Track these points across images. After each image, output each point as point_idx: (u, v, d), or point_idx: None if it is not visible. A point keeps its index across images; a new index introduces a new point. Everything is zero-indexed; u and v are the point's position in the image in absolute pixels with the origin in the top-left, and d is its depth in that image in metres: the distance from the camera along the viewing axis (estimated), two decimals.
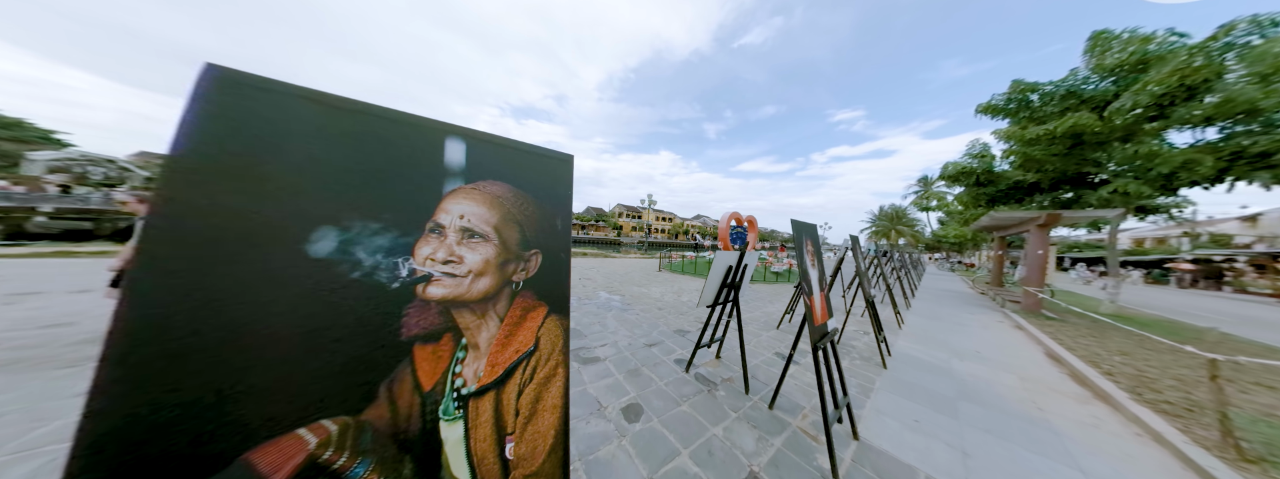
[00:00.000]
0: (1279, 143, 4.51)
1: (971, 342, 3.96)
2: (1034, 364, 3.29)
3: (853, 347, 3.44)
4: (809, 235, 1.96)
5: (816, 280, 1.90)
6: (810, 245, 1.93)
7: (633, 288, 6.37)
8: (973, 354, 3.47)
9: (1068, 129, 5.71)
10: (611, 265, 10.94)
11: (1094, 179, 6.55)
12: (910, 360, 3.18)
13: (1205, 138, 5.39)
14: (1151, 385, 2.71)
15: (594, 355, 2.91)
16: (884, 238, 30.59)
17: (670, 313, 4.59)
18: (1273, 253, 15.94)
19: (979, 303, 7.04)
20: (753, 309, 5.08)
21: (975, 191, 7.82)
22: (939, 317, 5.33)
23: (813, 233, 2.03)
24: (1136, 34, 5.59)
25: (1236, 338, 4.62)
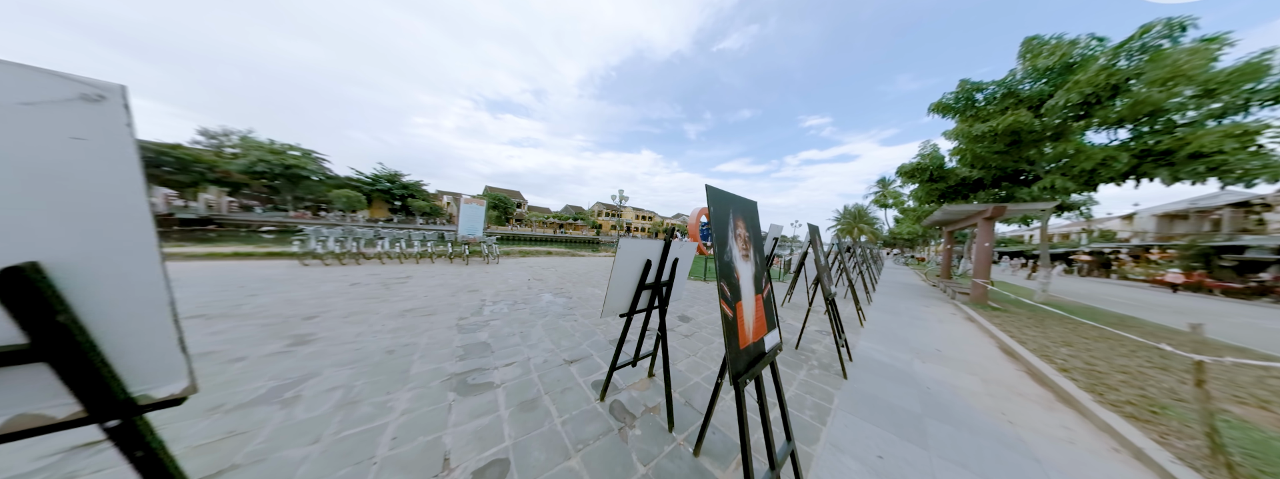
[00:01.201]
0: (1178, 141, 4.92)
1: (931, 337, 3.76)
2: (991, 361, 3.09)
3: (813, 351, 3.02)
4: (740, 214, 1.38)
5: (751, 279, 1.32)
6: (741, 227, 1.35)
7: (586, 289, 5.65)
8: (934, 353, 3.21)
9: (1008, 126, 5.94)
10: (573, 264, 10.11)
11: (1028, 176, 6.98)
12: (872, 366, 2.80)
13: (1118, 138, 5.85)
14: (1104, 381, 2.55)
15: (485, 381, 2.17)
16: (848, 235, 32.72)
17: (618, 318, 3.94)
18: (1145, 245, 19.06)
19: (932, 295, 7.25)
20: (708, 310, 4.59)
21: (928, 187, 8.12)
22: (898, 311, 5.23)
23: (748, 212, 1.46)
24: (1063, 39, 5.94)
25: (1141, 320, 5.01)
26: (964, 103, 6.90)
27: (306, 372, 2.17)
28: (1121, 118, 5.37)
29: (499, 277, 6.64)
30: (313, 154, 31.96)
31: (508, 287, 5.49)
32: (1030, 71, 6.05)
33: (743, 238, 1.34)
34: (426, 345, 2.72)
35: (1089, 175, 5.70)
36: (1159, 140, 5.12)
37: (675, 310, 4.40)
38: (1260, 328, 5.78)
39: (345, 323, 3.15)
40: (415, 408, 1.84)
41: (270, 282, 4.79)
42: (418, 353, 2.55)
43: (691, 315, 4.21)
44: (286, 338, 2.71)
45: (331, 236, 7.09)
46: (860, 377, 2.55)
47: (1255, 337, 5.02)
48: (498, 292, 5.01)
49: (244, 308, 3.45)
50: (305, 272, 5.83)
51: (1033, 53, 6.13)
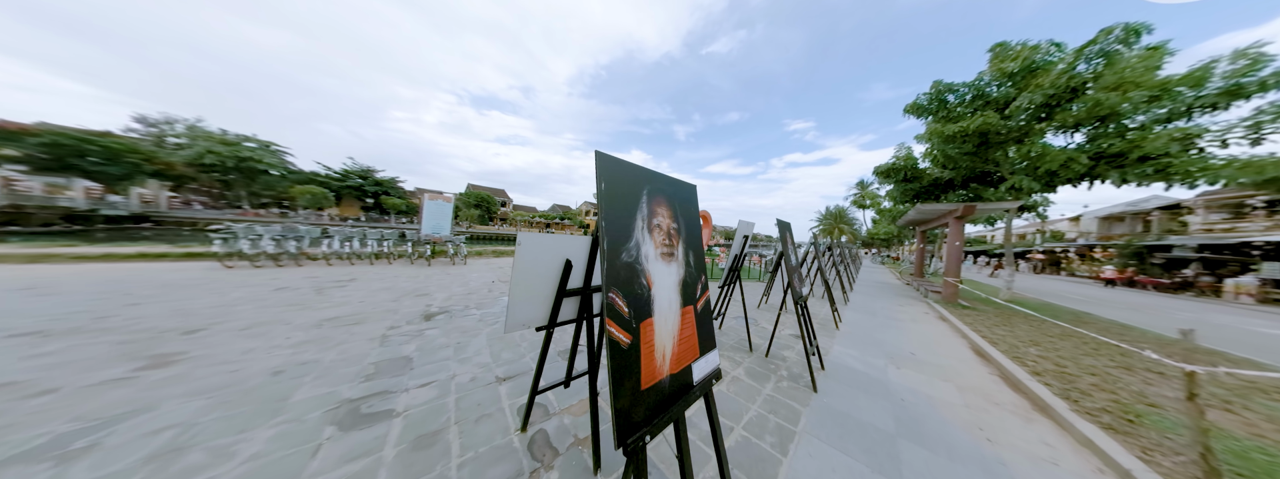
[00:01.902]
0: (1129, 144, 5.14)
1: (905, 340, 3.63)
2: (965, 364, 2.96)
3: (783, 360, 2.78)
4: (662, 196, 1.06)
5: (675, 287, 1.00)
6: (662, 216, 1.03)
7: None
8: (908, 357, 3.05)
9: (978, 127, 6.05)
10: None
11: (995, 177, 7.20)
12: (845, 374, 2.58)
13: (1075, 141, 6.09)
14: (1076, 384, 2.44)
15: (384, 409, 1.74)
16: (829, 235, 33.80)
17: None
18: (1089, 245, 20.75)
19: (906, 294, 7.34)
20: None
21: (903, 187, 8.27)
22: (874, 311, 5.16)
23: (678, 196, 1.14)
24: (1027, 45, 6.12)
25: (1097, 316, 5.21)
26: (936, 104, 7.03)
27: (137, 406, 1.66)
28: (1078, 121, 5.57)
29: (459, 279, 6.09)
30: (273, 146, 29.33)
31: (465, 290, 4.99)
32: (997, 75, 6.21)
33: (664, 229, 1.01)
34: (330, 363, 2.24)
35: (1050, 176, 5.89)
36: (1112, 143, 5.34)
37: None
38: (1202, 322, 6.18)
39: (238, 337, 2.60)
40: (268, 452, 1.40)
41: (169, 288, 4.06)
42: (314, 374, 2.08)
43: None
44: (141, 359, 2.15)
45: (267, 235, 6.26)
46: (831, 388, 2.31)
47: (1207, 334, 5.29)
48: (450, 295, 4.51)
49: (110, 321, 2.81)
50: (225, 275, 5.07)
51: (999, 57, 6.31)
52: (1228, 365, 2.83)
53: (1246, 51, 4.57)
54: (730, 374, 2.46)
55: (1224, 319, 6.70)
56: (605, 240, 0.81)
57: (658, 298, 0.93)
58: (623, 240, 0.86)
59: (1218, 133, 4.79)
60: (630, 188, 0.93)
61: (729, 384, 2.29)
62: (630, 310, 0.81)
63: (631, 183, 0.94)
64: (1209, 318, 6.83)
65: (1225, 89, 4.67)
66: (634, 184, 0.95)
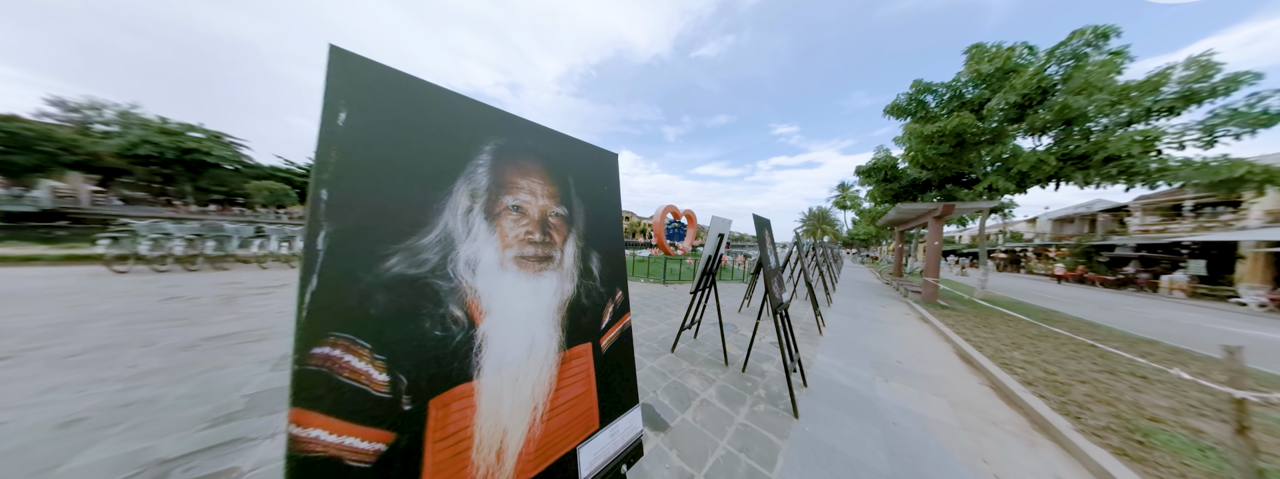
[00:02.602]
0: (1094, 146, 5.28)
1: (891, 345, 3.42)
2: (953, 373, 2.75)
3: (762, 375, 2.44)
4: (534, 157, 0.64)
5: (551, 315, 0.60)
6: (536, 193, 0.62)
7: None
8: (895, 366, 2.81)
9: (955, 127, 6.09)
10: None
11: (970, 178, 7.34)
12: (830, 391, 2.28)
13: (1042, 144, 6.26)
14: (1070, 395, 2.26)
15: (219, 468, 1.23)
16: (812, 235, 34.76)
17: None
18: (1045, 244, 22.35)
19: (886, 294, 7.34)
20: (650, 322, 3.93)
21: (883, 187, 8.33)
22: (857, 313, 5.00)
23: (592, 167, 0.73)
24: (1002, 47, 6.22)
25: (1062, 314, 5.32)
26: (915, 105, 7.08)
27: None
28: (1047, 123, 5.70)
29: None
30: (225, 138, 26.54)
31: None
32: (973, 76, 6.29)
33: (532, 216, 0.60)
34: (173, 402, 1.68)
35: (1022, 177, 6.01)
36: (1078, 144, 5.48)
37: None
38: (1152, 318, 6.51)
39: (51, 368, 1.96)
40: None
41: (10, 299, 3.22)
42: (134, 421, 1.51)
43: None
44: None
45: (177, 233, 5.33)
46: (815, 412, 1.99)
47: (1159, 329, 5.48)
48: None
49: None
50: (107, 282, 4.19)
51: (975, 59, 6.39)
52: (1255, 382, 2.77)
53: (1198, 59, 4.76)
54: (700, 396, 2.09)
55: (1168, 313, 7.13)
56: (327, 227, 0.39)
57: (496, 341, 0.52)
58: (395, 232, 0.44)
59: (1174, 136, 4.98)
60: (443, 133, 0.52)
61: (697, 410, 1.92)
62: (402, 378, 0.40)
63: (446, 125, 0.53)
64: (1153, 313, 7.25)
65: (1180, 94, 4.85)
66: (450, 128, 0.53)
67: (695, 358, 2.73)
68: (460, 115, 0.55)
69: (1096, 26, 5.25)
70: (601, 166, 0.80)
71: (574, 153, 0.74)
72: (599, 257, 0.74)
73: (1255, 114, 4.37)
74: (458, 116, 0.55)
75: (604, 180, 0.80)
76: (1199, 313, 7.67)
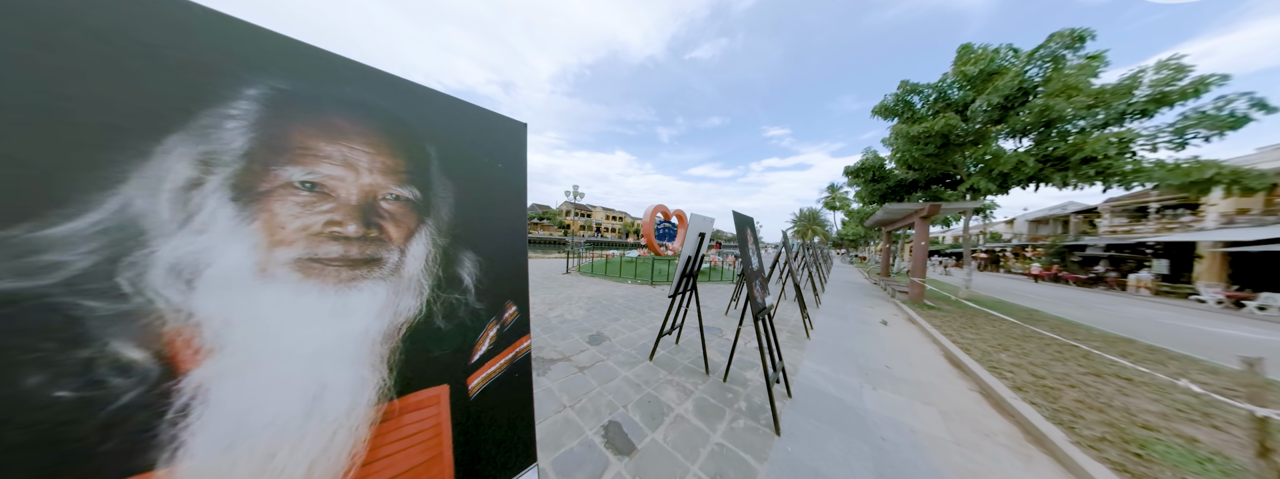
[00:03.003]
0: (1072, 147, 5.38)
1: (878, 348, 3.31)
2: (942, 378, 2.64)
3: (744, 385, 2.26)
4: (335, 102, 0.40)
5: (370, 344, 0.37)
6: (349, 143, 0.38)
7: None
8: (883, 372, 2.68)
9: (941, 128, 6.12)
10: None
11: (954, 179, 7.43)
12: (815, 402, 2.12)
13: (1022, 146, 6.37)
14: (1061, 401, 2.17)
15: None
16: (802, 235, 35.32)
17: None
18: (1022, 245, 23.28)
19: (874, 294, 7.36)
20: (637, 325, 3.73)
21: (871, 187, 8.38)
22: (846, 315, 4.92)
23: (462, 126, 0.49)
24: (988, 49, 6.30)
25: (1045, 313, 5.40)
26: (902, 105, 7.13)
27: None
28: (1027, 125, 5.79)
29: None
30: None
31: None
32: (959, 77, 6.35)
33: (356, 198, 0.37)
34: None
35: (1004, 178, 6.09)
36: (1057, 146, 5.58)
37: (589, 327, 3.44)
38: (1125, 315, 6.71)
39: None
40: None
41: None
42: None
43: (608, 334, 3.27)
44: None
45: None
46: (799, 427, 1.81)
47: (1142, 328, 5.60)
48: None
49: None
50: None
51: (962, 59, 6.46)
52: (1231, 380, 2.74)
53: (1168, 62, 4.89)
54: (674, 411, 1.89)
55: (1139, 311, 7.39)
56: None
57: (235, 396, 0.30)
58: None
59: (1148, 138, 5.10)
60: (145, 54, 0.29)
61: (669, 428, 1.72)
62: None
63: (160, 42, 0.30)
64: (1124, 311, 7.50)
65: (1152, 97, 4.96)
66: (166, 49, 0.30)
67: (674, 366, 2.53)
68: (198, 29, 0.32)
69: (1073, 29, 5.35)
70: (493, 137, 0.57)
71: (443, 115, 0.51)
72: (477, 260, 0.51)
73: (1223, 117, 4.50)
74: (192, 30, 0.32)
75: (497, 155, 0.58)
76: (1164, 310, 8.00)
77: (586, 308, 4.37)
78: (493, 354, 0.52)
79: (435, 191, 0.47)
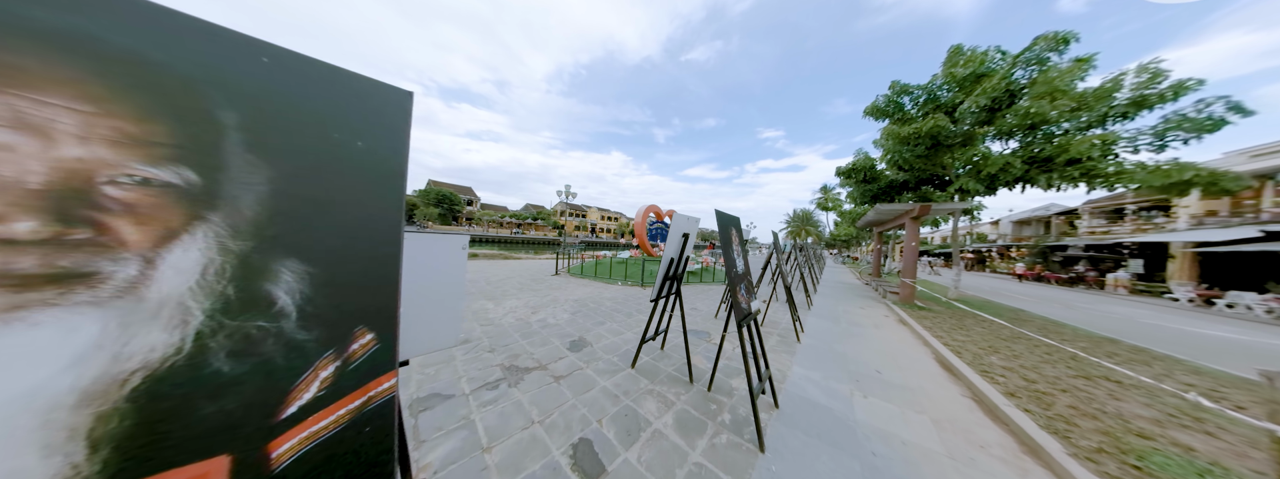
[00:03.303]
0: (1057, 149, 5.44)
1: (869, 352, 3.23)
2: (934, 383, 2.56)
3: (731, 393, 2.13)
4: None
5: (42, 423, 0.27)
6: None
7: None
8: (874, 377, 2.59)
9: (930, 129, 6.14)
10: (481, 271, 8.47)
11: (944, 180, 7.49)
12: (804, 413, 2.00)
13: (1010, 148, 6.45)
14: (1054, 407, 2.10)
15: None
16: (796, 236, 35.70)
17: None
18: (1007, 245, 23.92)
19: (865, 294, 7.36)
20: (621, 330, 3.58)
21: (862, 187, 8.40)
22: (837, 317, 4.85)
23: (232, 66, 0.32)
24: (977, 51, 6.34)
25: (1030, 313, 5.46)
26: (893, 106, 7.15)
27: None
28: (1014, 127, 5.85)
29: None
30: None
31: None
32: (948, 79, 6.39)
33: (45, 177, 0.26)
34: None
35: (991, 179, 6.14)
36: (1042, 148, 5.65)
37: (572, 332, 3.27)
38: (1106, 314, 6.84)
39: None
40: None
41: None
42: None
43: (591, 339, 3.11)
44: None
45: None
46: (785, 441, 1.68)
47: (1125, 328, 5.68)
48: None
49: None
50: None
51: (952, 60, 6.51)
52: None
53: (1148, 66, 4.98)
54: (653, 426, 1.74)
55: (1119, 310, 7.56)
56: None
57: None
58: None
59: (1129, 140, 5.18)
60: None
61: (645, 445, 1.58)
62: None
63: None
64: (1105, 309, 7.68)
65: (1133, 100, 5.05)
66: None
67: (657, 374, 2.38)
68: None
69: (1057, 32, 5.42)
70: (353, 108, 0.40)
71: (266, 72, 0.34)
72: (306, 272, 0.34)
73: (1203, 120, 4.60)
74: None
75: (362, 131, 0.41)
76: (1141, 308, 8.23)
77: (572, 311, 4.20)
78: (324, 403, 0.35)
79: (231, 175, 0.31)
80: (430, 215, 41.61)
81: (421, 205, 41.78)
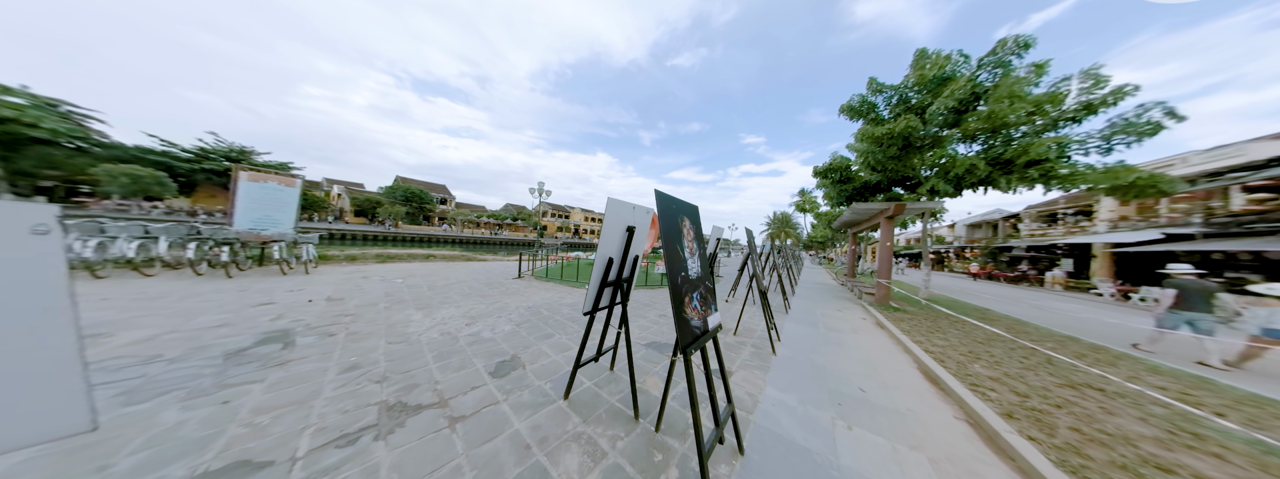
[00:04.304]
0: (1017, 151, 5.62)
1: (850, 363, 2.88)
2: (923, 403, 2.22)
3: (687, 431, 1.62)
4: None
5: None
6: None
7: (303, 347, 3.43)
8: (857, 396, 2.21)
9: (902, 129, 6.15)
10: (443, 274, 7.55)
11: (914, 182, 7.64)
12: (778, 458, 1.54)
13: (974, 150, 6.64)
14: (1056, 430, 1.80)
15: None
16: (776, 238, 36.83)
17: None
18: (963, 247, 26.01)
19: (841, 295, 7.29)
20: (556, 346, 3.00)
21: (838, 188, 8.43)
22: (814, 321, 4.57)
23: None
24: (941, 54, 6.48)
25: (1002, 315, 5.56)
26: (866, 106, 7.20)
27: None
28: (977, 130, 6.01)
29: (221, 304, 3.84)
30: (63, 106, 19.91)
31: (192, 330, 2.89)
32: (918, 80, 6.49)
33: None
34: None
35: (958, 181, 6.27)
36: (1004, 150, 5.82)
37: (504, 350, 2.64)
38: (1051, 310, 7.22)
39: None
40: None
41: None
42: None
43: (527, 359, 2.50)
44: None
45: None
46: None
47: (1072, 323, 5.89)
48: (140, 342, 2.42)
49: None
50: None
51: (919, 64, 6.62)
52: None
53: (1091, 72, 5.23)
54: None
55: (1061, 306, 8.09)
56: None
57: None
58: None
59: (1079, 143, 5.42)
60: None
61: None
62: None
63: None
64: (1051, 305, 8.20)
65: (1082, 105, 5.28)
66: None
67: (595, 409, 1.83)
68: None
69: (1018, 36, 5.62)
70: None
71: None
72: None
73: (1143, 124, 4.88)
74: None
75: None
76: (1076, 303, 8.90)
77: (517, 322, 3.55)
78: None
79: None
80: (397, 214, 38.39)
81: (386, 203, 38.47)
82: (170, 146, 25.92)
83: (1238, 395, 2.50)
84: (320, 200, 33.71)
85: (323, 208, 34.12)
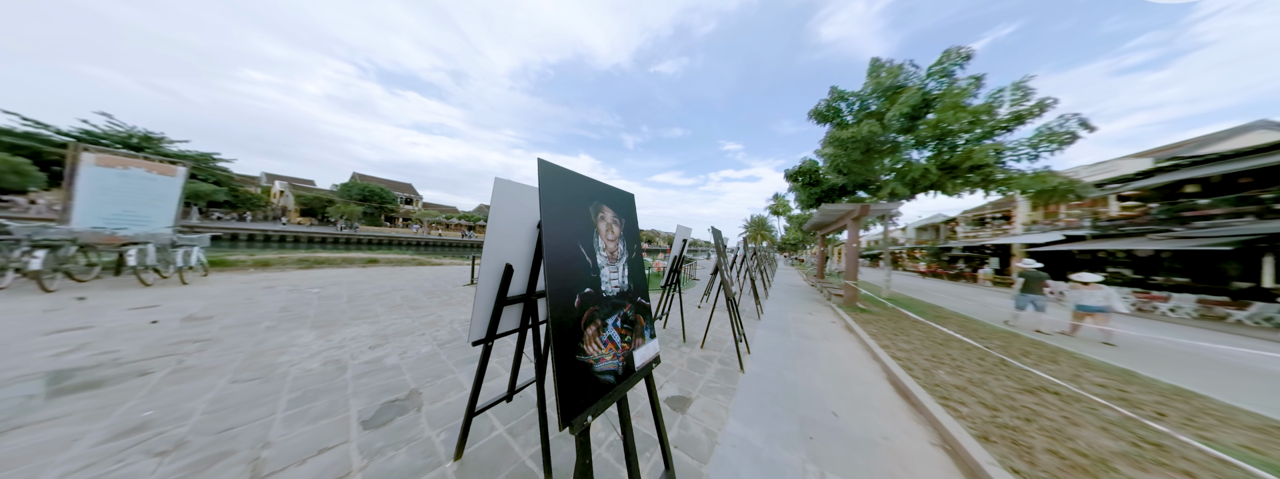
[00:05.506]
0: (962, 157, 6.03)
1: (821, 378, 2.64)
2: (897, 426, 2.00)
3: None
4: None
5: None
6: None
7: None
8: (829, 423, 1.92)
9: (866, 133, 6.36)
10: (365, 284, 6.49)
11: (874, 186, 8.02)
12: None
13: (925, 155, 7.09)
14: (1036, 460, 1.61)
15: None
16: (753, 241, 38.34)
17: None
18: (912, 247, 28.81)
19: (811, 296, 7.38)
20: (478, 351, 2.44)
21: (807, 190, 8.65)
22: (785, 327, 4.40)
23: None
24: (893, 63, 6.84)
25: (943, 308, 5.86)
26: (832, 111, 7.45)
27: None
28: (927, 137, 6.40)
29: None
30: None
31: None
32: (876, 87, 6.81)
33: None
34: None
35: (913, 184, 6.62)
36: (950, 156, 6.23)
37: (405, 383, 2.01)
38: (987, 304, 7.89)
39: None
40: None
41: None
42: None
43: (428, 396, 1.90)
44: None
45: None
46: None
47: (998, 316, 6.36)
48: None
49: None
50: None
51: (874, 72, 6.96)
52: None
53: (1021, 84, 5.76)
54: None
55: (996, 300, 8.95)
56: None
57: None
58: None
59: (1011, 150, 5.92)
60: None
61: None
62: None
63: None
64: (987, 300, 9.03)
65: (1013, 114, 5.78)
66: None
67: (495, 472, 1.32)
68: None
69: (959, 47, 6.07)
70: None
71: None
72: None
73: (1062, 132, 5.44)
74: None
75: None
76: (1003, 298, 9.95)
77: (443, 341, 2.89)
78: None
79: None
80: (352, 214, 34.05)
81: (339, 202, 34.02)
82: (40, 127, 20.33)
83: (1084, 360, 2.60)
84: (256, 198, 28.95)
85: (258, 206, 29.34)
